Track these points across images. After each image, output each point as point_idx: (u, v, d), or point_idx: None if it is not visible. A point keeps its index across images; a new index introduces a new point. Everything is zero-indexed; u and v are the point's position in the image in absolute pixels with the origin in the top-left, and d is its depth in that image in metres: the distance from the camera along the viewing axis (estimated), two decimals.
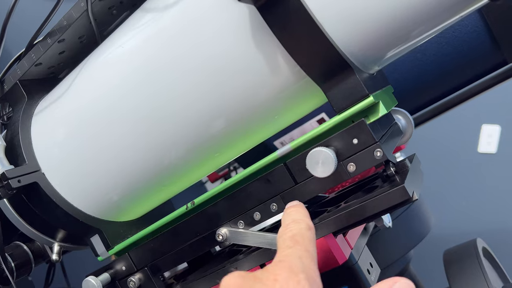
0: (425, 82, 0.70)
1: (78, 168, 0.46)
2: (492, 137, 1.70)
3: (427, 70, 0.68)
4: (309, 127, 0.74)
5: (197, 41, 0.37)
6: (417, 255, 0.72)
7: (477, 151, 1.71)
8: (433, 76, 0.69)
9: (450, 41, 0.66)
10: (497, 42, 0.64)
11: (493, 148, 1.70)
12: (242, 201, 0.41)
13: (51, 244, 0.51)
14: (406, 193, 0.35)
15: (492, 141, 1.71)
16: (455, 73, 0.69)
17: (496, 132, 1.69)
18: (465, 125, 1.64)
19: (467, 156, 1.68)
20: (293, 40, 0.33)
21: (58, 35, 0.45)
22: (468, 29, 0.64)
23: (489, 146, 1.71)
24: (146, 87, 0.41)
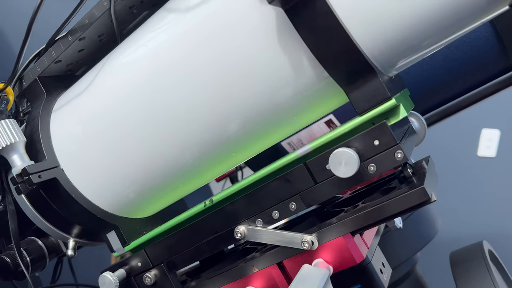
0: (434, 86, 0.71)
1: (96, 165, 0.47)
2: (492, 141, 1.72)
3: (436, 74, 0.69)
4: (316, 128, 0.75)
5: (225, 46, 0.37)
6: (421, 257, 0.73)
7: (476, 154, 1.72)
8: (441, 80, 0.70)
9: (459, 46, 0.67)
10: (505, 47, 0.65)
11: (493, 152, 1.72)
12: (261, 199, 0.41)
13: (66, 239, 0.52)
14: (426, 194, 0.35)
15: (492, 145, 1.72)
16: (464, 77, 0.70)
17: (495, 136, 1.71)
18: (466, 129, 1.65)
19: (466, 159, 1.70)
20: (319, 42, 0.33)
21: (79, 33, 0.46)
22: (477, 34, 0.65)
23: (489, 150, 1.72)
24: (169, 89, 0.41)
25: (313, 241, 0.40)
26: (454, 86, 0.72)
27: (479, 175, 1.67)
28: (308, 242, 0.40)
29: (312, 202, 0.40)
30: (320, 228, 0.40)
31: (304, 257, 0.41)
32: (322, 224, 0.41)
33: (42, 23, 0.48)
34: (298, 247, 0.40)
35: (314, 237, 0.40)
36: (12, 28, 1.64)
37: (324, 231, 0.40)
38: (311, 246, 0.40)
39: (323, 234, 0.40)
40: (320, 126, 0.74)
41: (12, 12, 1.63)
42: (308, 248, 0.40)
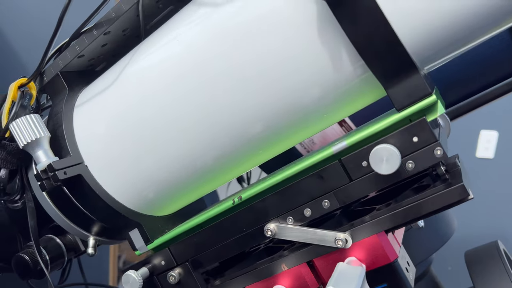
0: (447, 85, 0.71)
1: (120, 163, 0.46)
2: (490, 142, 1.73)
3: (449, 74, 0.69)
4: (329, 129, 0.74)
5: (261, 36, 0.37)
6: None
7: (475, 156, 1.74)
8: (454, 79, 0.70)
9: None
10: None
11: (491, 154, 1.73)
12: (293, 197, 0.41)
13: (86, 237, 0.51)
14: (466, 191, 0.35)
15: (490, 146, 1.74)
16: (477, 76, 0.70)
17: (494, 138, 1.72)
18: (464, 131, 1.67)
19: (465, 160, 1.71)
20: (362, 35, 0.33)
21: (105, 27, 0.45)
22: None
23: (487, 152, 1.74)
24: (199, 89, 0.40)
25: (346, 239, 0.39)
26: (467, 87, 0.72)
27: (478, 176, 1.68)
28: (342, 240, 0.39)
29: (346, 200, 0.39)
30: (353, 226, 0.40)
31: (335, 255, 0.41)
32: (354, 222, 0.40)
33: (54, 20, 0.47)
34: (331, 245, 0.40)
35: (348, 235, 0.39)
36: (10, 26, 1.62)
37: (357, 229, 0.39)
38: (345, 244, 0.39)
39: (357, 232, 0.40)
40: (333, 126, 0.74)
41: (12, 11, 1.60)
42: (341, 246, 0.39)
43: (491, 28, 0.35)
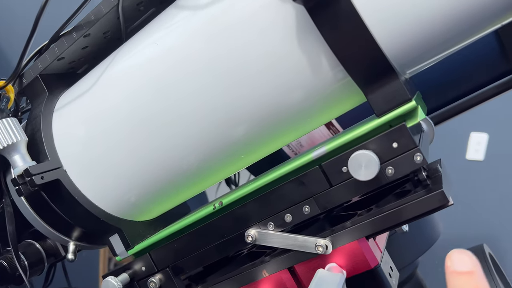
0: (432, 89, 0.71)
1: (100, 166, 0.45)
2: (480, 144, 1.74)
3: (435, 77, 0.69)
4: (317, 130, 0.74)
5: (241, 40, 0.36)
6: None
7: (465, 158, 1.75)
8: (440, 83, 0.70)
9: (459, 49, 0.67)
10: (505, 50, 0.65)
11: (481, 156, 1.74)
12: (274, 202, 0.41)
13: (66, 242, 0.50)
14: (445, 198, 0.35)
15: (480, 148, 1.75)
16: (463, 80, 0.70)
17: (484, 140, 1.73)
18: (454, 133, 1.67)
19: (455, 162, 1.72)
20: (341, 41, 0.33)
21: (84, 29, 0.44)
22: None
23: (477, 154, 1.75)
24: (179, 90, 0.40)
25: (327, 245, 0.39)
26: (453, 90, 0.72)
27: (468, 178, 1.69)
28: (322, 246, 0.39)
29: (327, 205, 0.39)
30: (334, 232, 0.39)
31: (316, 261, 0.40)
32: (335, 228, 0.40)
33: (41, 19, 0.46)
34: (312, 251, 0.39)
35: (328, 241, 0.39)
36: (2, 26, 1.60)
37: (338, 235, 0.39)
38: (325, 250, 0.39)
39: (337, 238, 0.39)
40: (320, 128, 0.74)
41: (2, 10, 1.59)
42: (322, 253, 0.39)
43: (472, 33, 0.35)
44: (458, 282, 0.27)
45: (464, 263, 0.27)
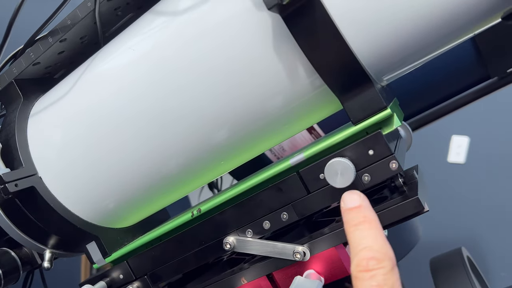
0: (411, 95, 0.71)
1: (76, 173, 0.45)
2: (461, 147, 1.77)
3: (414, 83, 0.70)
4: (299, 135, 0.74)
5: (216, 48, 0.36)
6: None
7: (447, 161, 1.77)
8: (419, 89, 0.71)
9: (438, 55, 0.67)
10: (482, 57, 0.66)
11: (462, 158, 1.77)
12: (252, 209, 0.40)
13: (42, 250, 0.49)
14: (420, 205, 0.35)
15: (461, 151, 1.77)
16: (441, 86, 0.71)
17: (465, 143, 1.76)
18: (436, 136, 1.70)
19: (437, 165, 1.74)
20: (316, 50, 0.33)
21: (60, 34, 0.44)
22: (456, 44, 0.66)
23: (458, 156, 1.77)
24: (155, 94, 0.40)
25: (305, 252, 0.39)
26: (432, 96, 0.73)
27: (449, 181, 1.72)
28: (300, 253, 0.39)
29: (304, 212, 0.39)
30: (312, 239, 0.39)
31: (294, 268, 0.40)
32: (313, 235, 0.40)
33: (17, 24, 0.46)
34: (290, 258, 0.39)
35: (306, 248, 0.39)
36: None
37: (316, 242, 0.39)
38: (303, 257, 0.39)
39: (315, 244, 0.39)
40: (302, 133, 0.74)
41: None
42: (300, 259, 0.39)
43: (447, 41, 0.35)
44: (350, 216, 0.31)
45: (353, 201, 0.32)
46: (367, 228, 0.30)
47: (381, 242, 0.29)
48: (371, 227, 0.30)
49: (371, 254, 0.28)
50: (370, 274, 0.28)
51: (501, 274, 1.60)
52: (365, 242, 0.29)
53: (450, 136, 1.77)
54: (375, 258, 0.28)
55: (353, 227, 0.30)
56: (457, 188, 1.72)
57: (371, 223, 0.30)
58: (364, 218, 0.30)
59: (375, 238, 0.29)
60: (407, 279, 0.72)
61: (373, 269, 0.28)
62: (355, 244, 0.30)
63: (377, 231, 0.30)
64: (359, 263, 0.29)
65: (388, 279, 0.28)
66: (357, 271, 0.29)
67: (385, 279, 0.28)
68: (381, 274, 0.28)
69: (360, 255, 0.29)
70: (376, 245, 0.29)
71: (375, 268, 0.28)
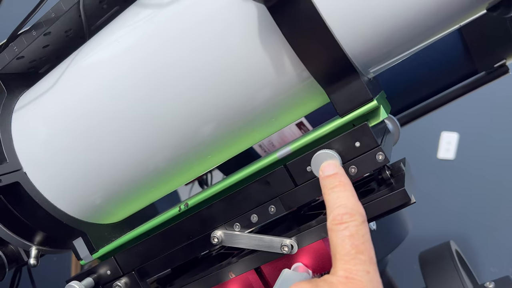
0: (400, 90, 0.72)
1: (62, 168, 0.44)
2: (451, 144, 1.78)
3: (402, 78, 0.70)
4: (288, 130, 0.74)
5: (202, 40, 0.36)
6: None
7: (436, 157, 1.78)
8: (407, 84, 0.71)
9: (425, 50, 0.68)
10: (470, 52, 0.66)
11: (452, 155, 1.78)
12: (240, 203, 0.40)
13: (28, 247, 0.49)
14: (407, 196, 0.35)
15: (451, 148, 1.78)
16: (429, 81, 0.71)
17: (454, 139, 1.77)
18: (426, 132, 1.71)
19: (426, 161, 1.75)
20: (302, 41, 0.33)
21: (44, 27, 0.43)
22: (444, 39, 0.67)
23: (448, 153, 1.78)
24: (140, 87, 0.39)
25: (292, 245, 0.39)
26: (420, 90, 0.74)
27: (439, 177, 1.73)
28: (288, 246, 0.39)
29: (292, 205, 0.39)
30: (299, 232, 0.39)
31: (282, 261, 0.40)
32: (301, 228, 0.40)
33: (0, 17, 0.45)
34: (277, 252, 0.39)
35: (294, 241, 0.39)
36: None
37: (303, 235, 0.39)
38: (291, 250, 0.39)
39: (303, 237, 0.39)
40: (291, 128, 0.74)
41: None
42: (287, 252, 0.39)
43: (433, 31, 0.35)
44: (327, 181, 0.34)
45: (330, 170, 0.35)
46: (342, 190, 0.33)
47: (353, 200, 0.33)
48: (346, 189, 0.33)
49: (345, 210, 0.32)
50: (344, 226, 0.32)
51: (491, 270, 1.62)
52: (339, 201, 0.33)
53: (440, 133, 1.78)
54: (348, 213, 0.32)
55: (329, 190, 0.34)
56: (447, 184, 1.73)
57: (345, 186, 0.34)
58: (339, 182, 0.34)
59: (348, 198, 0.33)
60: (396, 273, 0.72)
61: (346, 222, 0.32)
62: (331, 203, 0.33)
63: (350, 193, 0.33)
64: (335, 218, 0.32)
65: (359, 230, 0.32)
66: (332, 224, 0.32)
67: (357, 230, 0.32)
68: (353, 225, 0.32)
69: (336, 211, 0.32)
70: (349, 203, 0.33)
71: (348, 221, 0.32)
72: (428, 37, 0.36)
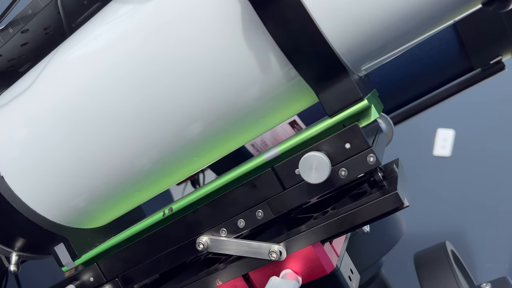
0: (395, 87, 0.70)
1: (41, 172, 0.42)
2: (447, 141, 1.77)
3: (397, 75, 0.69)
4: (280, 129, 0.73)
5: (184, 35, 0.34)
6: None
7: (432, 154, 1.77)
8: (403, 81, 0.70)
9: (421, 47, 0.66)
10: (465, 49, 0.65)
11: (448, 152, 1.77)
12: (226, 207, 0.39)
13: (8, 253, 0.47)
14: (399, 200, 0.34)
15: (447, 144, 1.77)
16: (424, 78, 0.70)
17: (450, 136, 1.76)
18: (421, 129, 1.69)
19: (422, 158, 1.74)
20: (288, 37, 0.31)
21: (21, 24, 0.41)
22: (439, 36, 0.65)
23: (444, 150, 1.77)
24: (121, 86, 0.38)
25: (281, 251, 0.37)
26: (415, 87, 0.72)
27: (435, 174, 1.71)
28: (276, 252, 0.37)
29: (280, 209, 0.37)
30: (289, 237, 0.38)
31: (271, 268, 0.39)
32: (290, 232, 0.38)
33: None
34: (265, 258, 0.38)
35: (282, 247, 0.37)
36: None
37: (292, 240, 0.37)
38: (279, 256, 0.37)
39: (292, 243, 0.38)
40: (284, 127, 0.72)
41: None
42: (276, 259, 0.37)
43: (426, 27, 0.34)
44: None
45: None
46: None
47: None
48: None
49: None
50: None
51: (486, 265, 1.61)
52: None
53: (436, 129, 1.77)
54: None
55: None
56: (443, 181, 1.72)
57: None
58: None
59: None
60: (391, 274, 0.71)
61: None
62: None
63: None
64: None
65: None
66: None
67: None
68: None
69: None
70: None
71: None
72: (421, 32, 0.34)
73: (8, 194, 0.42)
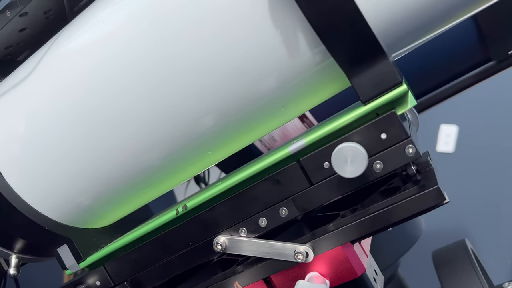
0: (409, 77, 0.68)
1: (43, 168, 0.39)
2: (450, 137, 1.75)
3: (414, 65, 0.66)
4: (291, 125, 0.70)
5: (199, 13, 0.31)
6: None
7: (435, 150, 1.75)
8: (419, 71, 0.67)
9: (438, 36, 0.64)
10: (484, 39, 0.63)
11: (451, 148, 1.75)
12: (246, 205, 0.36)
13: (7, 256, 0.44)
14: (442, 195, 0.31)
15: (450, 140, 1.75)
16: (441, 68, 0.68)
17: (453, 132, 1.74)
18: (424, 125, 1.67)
19: None
20: (322, 13, 0.28)
21: (20, 7, 0.38)
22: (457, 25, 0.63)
23: (447, 146, 1.75)
24: (130, 72, 0.34)
25: (307, 252, 0.34)
26: (431, 79, 0.70)
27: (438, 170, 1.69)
28: (303, 253, 0.34)
29: (306, 206, 0.34)
30: (315, 237, 0.35)
31: (295, 270, 0.36)
32: (316, 232, 0.35)
33: None
34: (290, 260, 0.35)
35: (309, 247, 0.34)
36: None
37: (320, 240, 0.34)
38: (306, 258, 0.34)
39: (319, 243, 0.35)
40: (294, 122, 0.70)
41: None
42: (302, 261, 0.34)
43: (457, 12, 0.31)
44: None
45: None
46: None
47: None
48: None
49: None
50: None
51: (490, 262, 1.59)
52: None
53: (439, 125, 1.75)
54: None
55: None
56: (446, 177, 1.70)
57: None
58: None
59: None
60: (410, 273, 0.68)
61: None
62: None
63: None
64: None
65: None
66: None
67: None
68: None
69: None
70: None
71: None
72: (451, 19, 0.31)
73: (7, 192, 0.39)
